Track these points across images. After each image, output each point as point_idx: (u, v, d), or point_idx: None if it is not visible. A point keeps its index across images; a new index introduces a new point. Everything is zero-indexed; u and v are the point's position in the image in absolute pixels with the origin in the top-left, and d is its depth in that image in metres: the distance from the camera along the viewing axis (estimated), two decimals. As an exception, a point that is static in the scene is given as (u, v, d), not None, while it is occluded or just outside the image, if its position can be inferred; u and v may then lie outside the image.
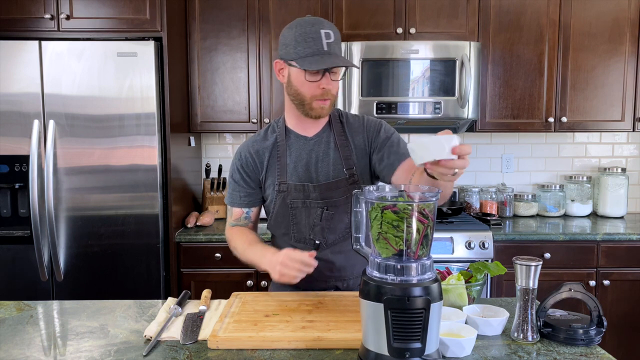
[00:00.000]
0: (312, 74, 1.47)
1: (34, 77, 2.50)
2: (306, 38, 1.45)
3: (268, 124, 1.72)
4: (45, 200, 2.49)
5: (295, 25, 1.49)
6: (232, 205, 1.70)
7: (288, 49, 1.49)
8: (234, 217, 1.71)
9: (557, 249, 2.70)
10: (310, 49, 1.45)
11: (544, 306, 1.28)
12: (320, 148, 1.62)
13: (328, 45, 1.46)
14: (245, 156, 1.64)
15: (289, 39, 1.49)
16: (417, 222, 1.04)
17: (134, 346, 1.24)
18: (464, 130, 3.17)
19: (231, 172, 1.68)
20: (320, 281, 1.62)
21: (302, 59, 1.46)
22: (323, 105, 1.52)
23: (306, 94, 1.51)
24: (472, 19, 2.91)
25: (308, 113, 1.55)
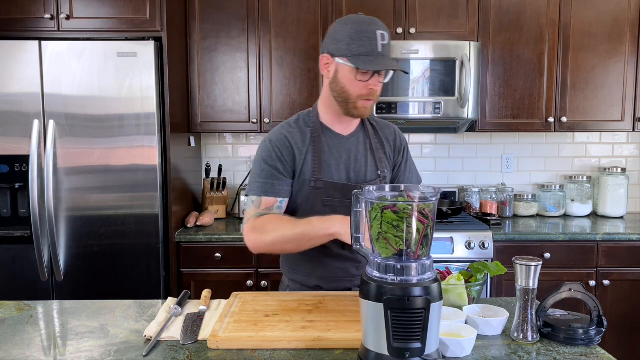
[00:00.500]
0: (362, 74, 1.45)
1: (34, 77, 2.50)
2: (361, 37, 1.43)
3: (296, 117, 1.63)
4: (45, 200, 2.49)
5: (350, 22, 1.46)
6: (265, 194, 1.54)
7: (340, 45, 1.46)
8: (262, 207, 1.54)
9: (557, 249, 2.70)
10: (364, 48, 1.43)
11: (544, 306, 1.28)
12: (356, 148, 1.61)
13: (382, 46, 1.44)
14: (285, 145, 1.55)
15: (343, 34, 1.45)
16: (417, 222, 1.04)
17: (134, 346, 1.24)
18: (464, 130, 3.17)
19: (265, 159, 1.55)
20: (346, 280, 1.61)
21: (356, 58, 1.43)
22: (367, 105, 1.51)
23: (353, 93, 1.49)
24: (472, 19, 2.91)
25: (351, 112, 1.52)
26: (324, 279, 1.61)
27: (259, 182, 1.55)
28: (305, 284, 1.64)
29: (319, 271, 1.61)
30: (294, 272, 1.66)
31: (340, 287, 1.60)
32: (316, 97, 2.94)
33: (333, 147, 1.58)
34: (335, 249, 1.57)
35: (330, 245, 1.55)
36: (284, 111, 2.95)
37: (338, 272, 1.59)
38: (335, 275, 1.59)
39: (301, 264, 1.64)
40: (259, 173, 1.56)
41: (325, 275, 1.61)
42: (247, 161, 3.34)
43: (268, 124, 2.95)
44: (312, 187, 1.55)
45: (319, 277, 1.61)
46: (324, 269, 1.60)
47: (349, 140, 1.61)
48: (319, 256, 1.59)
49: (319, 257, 1.59)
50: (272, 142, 1.56)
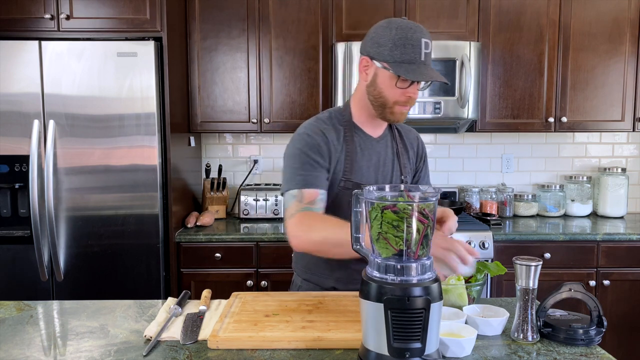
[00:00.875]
0: (402, 81, 1.43)
1: (34, 77, 2.50)
2: (405, 43, 1.40)
3: (327, 113, 1.60)
4: (45, 200, 2.49)
5: (395, 27, 1.42)
6: (307, 186, 1.46)
7: (382, 49, 1.42)
8: (306, 200, 1.46)
9: (557, 249, 2.70)
10: (407, 56, 1.40)
11: (544, 306, 1.28)
12: (385, 151, 1.61)
13: (425, 55, 1.42)
14: (323, 139, 1.51)
15: (386, 39, 1.42)
16: (417, 222, 1.04)
17: (134, 346, 1.24)
18: (464, 130, 3.17)
19: (304, 151, 1.49)
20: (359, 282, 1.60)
21: (398, 65, 1.41)
22: (404, 111, 1.50)
23: (390, 99, 1.47)
24: (472, 19, 2.91)
25: (387, 116, 1.51)
26: (341, 281, 1.59)
27: (301, 175, 1.48)
28: (320, 285, 1.62)
29: (337, 273, 1.59)
30: (311, 272, 1.64)
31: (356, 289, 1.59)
32: (316, 97, 2.94)
33: (364, 149, 1.57)
34: None
35: None
36: (284, 111, 2.95)
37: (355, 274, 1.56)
38: (352, 277, 1.57)
39: (319, 264, 1.62)
40: (299, 166, 1.49)
41: (343, 277, 1.59)
42: (247, 161, 3.34)
43: (268, 124, 2.95)
44: (342, 187, 1.54)
45: (336, 279, 1.60)
46: (343, 271, 1.58)
47: (378, 142, 1.60)
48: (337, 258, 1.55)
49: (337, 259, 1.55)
50: (311, 135, 1.51)
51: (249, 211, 3.01)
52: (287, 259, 2.69)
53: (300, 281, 1.69)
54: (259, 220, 3.01)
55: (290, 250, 2.83)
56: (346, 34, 2.88)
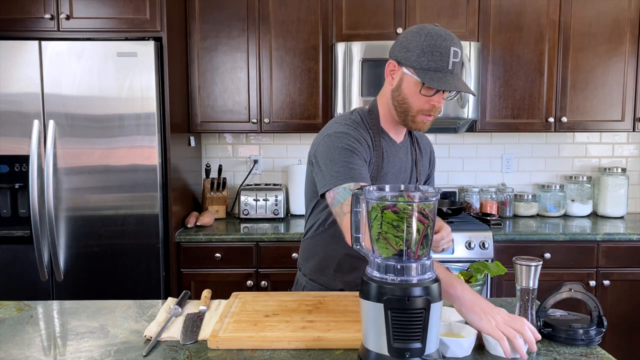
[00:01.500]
0: (427, 89, 1.40)
1: (34, 77, 2.50)
2: (434, 51, 1.37)
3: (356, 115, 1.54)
4: (45, 200, 2.49)
5: (425, 33, 1.38)
6: (361, 179, 1.38)
7: (410, 54, 1.40)
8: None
9: (557, 249, 2.70)
10: (434, 64, 1.37)
11: (544, 306, 1.28)
12: (405, 157, 1.59)
13: (453, 64, 1.38)
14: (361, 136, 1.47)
15: (414, 44, 1.39)
16: (417, 222, 1.04)
17: (134, 346, 1.24)
18: (464, 130, 3.17)
19: (353, 144, 1.43)
20: None
21: (424, 72, 1.38)
22: (426, 120, 1.47)
23: (414, 106, 1.44)
24: (472, 19, 2.91)
25: (409, 124, 1.48)
26: (349, 284, 1.58)
27: (352, 168, 1.39)
28: (328, 287, 1.61)
29: (347, 276, 1.59)
30: (319, 273, 1.63)
31: None
32: (316, 97, 2.94)
33: (390, 155, 1.55)
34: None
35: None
36: (284, 111, 2.95)
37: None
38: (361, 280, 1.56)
39: (329, 266, 1.60)
40: (349, 159, 1.40)
41: (351, 281, 1.58)
42: (247, 161, 3.34)
43: (268, 124, 2.95)
44: None
45: (344, 282, 1.59)
46: (352, 274, 1.58)
47: (401, 149, 1.58)
48: (351, 260, 1.56)
49: (349, 261, 1.56)
50: (349, 133, 1.45)
51: (249, 211, 3.01)
52: (287, 259, 2.70)
53: (305, 281, 1.66)
54: (259, 220, 3.01)
55: (290, 250, 2.85)
56: (346, 34, 2.88)
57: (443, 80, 1.36)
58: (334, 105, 2.86)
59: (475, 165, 3.37)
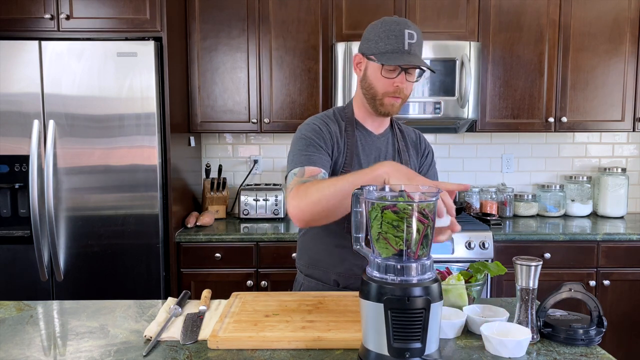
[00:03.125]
0: (388, 71, 1.49)
1: (34, 77, 2.50)
2: (389, 35, 1.46)
3: (332, 111, 1.65)
4: (45, 200, 2.49)
5: (380, 23, 1.50)
6: (311, 164, 1.48)
7: (370, 44, 1.51)
8: (307, 174, 1.47)
9: (557, 249, 2.70)
10: (391, 46, 1.46)
11: (544, 306, 1.28)
12: (386, 147, 1.64)
13: (409, 45, 1.46)
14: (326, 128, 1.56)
15: (373, 34, 1.50)
16: (417, 222, 1.04)
17: (134, 346, 1.24)
18: (464, 130, 3.17)
19: (308, 136, 1.53)
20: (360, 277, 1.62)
21: (382, 55, 1.47)
22: (394, 102, 1.53)
23: (379, 89, 1.52)
24: (472, 19, 2.91)
25: (378, 109, 1.55)
26: (342, 276, 1.61)
27: (303, 155, 1.50)
28: (322, 280, 1.64)
29: (338, 267, 1.61)
30: (311, 268, 1.66)
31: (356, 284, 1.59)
32: (316, 97, 2.94)
33: (365, 144, 1.62)
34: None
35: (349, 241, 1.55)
36: (284, 111, 2.95)
37: (355, 269, 1.60)
38: (353, 272, 1.60)
39: (320, 259, 1.64)
40: (303, 148, 1.51)
41: (343, 272, 1.61)
42: (247, 161, 3.34)
43: (268, 124, 2.95)
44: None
45: (337, 274, 1.62)
46: (342, 265, 1.61)
47: (379, 139, 1.64)
48: (340, 251, 1.60)
49: (338, 252, 1.60)
50: (315, 123, 1.57)
51: (249, 211, 3.01)
52: (287, 259, 2.70)
53: (302, 278, 1.70)
54: (259, 220, 3.01)
55: (290, 250, 2.85)
56: (346, 34, 2.88)
57: (399, 58, 1.45)
58: (334, 105, 2.86)
59: (475, 165, 3.37)
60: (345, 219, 1.48)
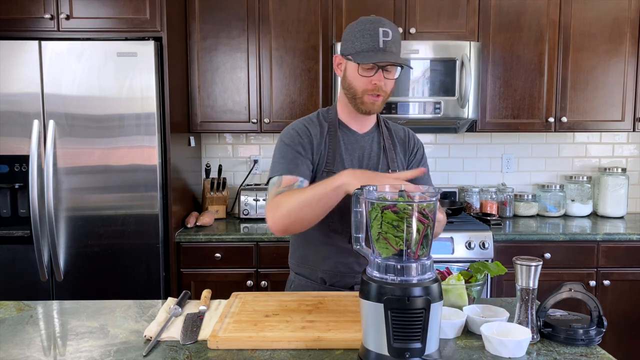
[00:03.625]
0: (365, 69, 1.50)
1: (34, 77, 2.50)
2: (364, 34, 1.49)
3: (316, 113, 1.69)
4: (45, 200, 2.49)
5: (356, 23, 1.53)
6: (289, 172, 1.54)
7: (347, 44, 1.54)
8: (284, 184, 1.54)
9: (557, 249, 2.70)
10: (366, 45, 1.48)
11: (544, 306, 1.28)
12: (370, 146, 1.65)
13: (384, 42, 1.48)
14: (306, 133, 1.60)
15: (349, 35, 1.53)
16: (417, 222, 1.04)
17: (134, 346, 1.24)
18: (464, 130, 3.17)
19: (287, 143, 1.58)
20: (348, 276, 1.62)
21: (357, 54, 1.49)
22: (374, 101, 1.55)
23: (358, 88, 1.54)
24: (472, 19, 2.91)
25: (359, 107, 1.57)
26: (328, 273, 1.62)
27: (281, 164, 1.57)
28: (309, 278, 1.66)
29: (324, 265, 1.63)
30: (301, 266, 1.68)
31: (342, 282, 1.61)
32: (316, 97, 2.94)
33: (348, 143, 1.63)
34: (341, 242, 1.60)
35: (336, 239, 1.60)
36: (284, 111, 2.95)
37: (341, 267, 1.61)
38: (338, 270, 1.61)
39: (308, 257, 1.66)
40: (281, 155, 1.58)
41: (329, 270, 1.62)
42: (247, 161, 3.34)
43: (268, 124, 2.95)
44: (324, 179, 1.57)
45: (323, 271, 1.63)
46: (329, 263, 1.62)
47: (363, 137, 1.65)
48: (325, 249, 1.61)
49: (325, 250, 1.61)
50: (294, 129, 1.62)
51: (249, 211, 3.01)
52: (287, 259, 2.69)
53: (293, 276, 1.73)
54: (259, 220, 3.01)
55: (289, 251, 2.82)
56: (346, 34, 2.88)
57: (374, 57, 1.47)
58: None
59: (475, 165, 3.37)
60: (329, 219, 1.55)
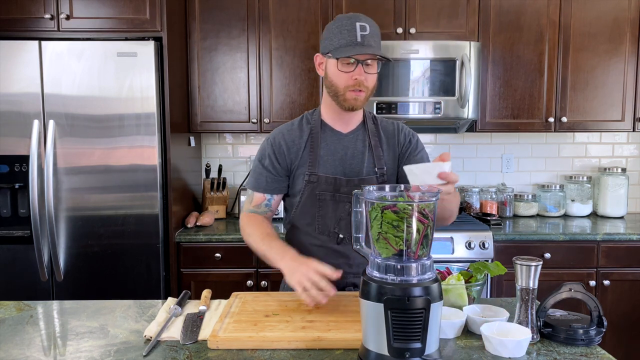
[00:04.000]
0: (345, 65, 1.50)
1: (34, 77, 2.50)
2: (341, 30, 1.50)
3: (301, 116, 1.71)
4: (45, 200, 2.49)
5: (334, 21, 1.54)
6: (255, 189, 1.68)
7: (326, 42, 1.54)
8: (254, 202, 1.68)
9: (557, 249, 2.70)
10: (344, 40, 1.49)
11: (544, 306, 1.28)
12: (354, 145, 1.64)
13: (362, 37, 1.49)
14: (278, 143, 1.64)
15: (328, 33, 1.54)
16: (417, 222, 1.04)
17: (134, 346, 1.24)
18: (464, 130, 3.17)
19: (260, 157, 1.67)
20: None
21: (336, 49, 1.50)
22: (356, 97, 1.54)
23: (339, 85, 1.54)
24: (472, 19, 2.91)
25: (342, 104, 1.57)
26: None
27: (252, 177, 1.69)
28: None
29: None
30: None
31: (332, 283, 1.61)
32: (316, 97, 2.94)
33: (330, 144, 1.63)
34: (329, 243, 1.62)
35: (324, 241, 1.62)
36: (284, 111, 2.95)
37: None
38: None
39: None
40: (253, 168, 1.70)
41: None
42: (247, 161, 3.34)
43: (268, 124, 2.95)
44: (307, 181, 1.61)
45: None
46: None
47: (347, 137, 1.65)
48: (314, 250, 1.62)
49: (314, 251, 1.62)
50: (269, 141, 1.67)
51: (249, 211, 3.00)
52: (287, 259, 2.69)
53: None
54: (259, 220, 3.01)
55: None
56: (346, 34, 2.88)
57: (351, 50, 1.47)
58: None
59: (475, 165, 3.37)
60: (316, 221, 1.61)
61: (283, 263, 1.45)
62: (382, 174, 1.62)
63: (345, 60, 1.49)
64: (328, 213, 1.61)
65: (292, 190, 1.67)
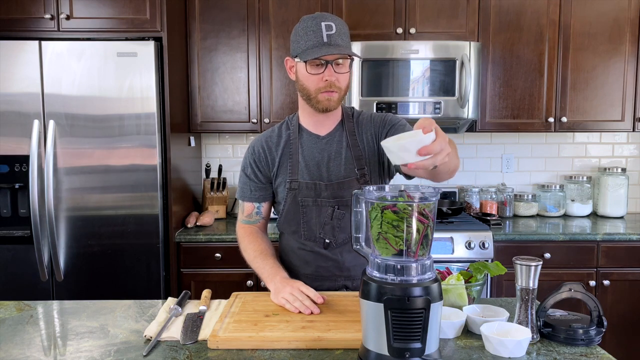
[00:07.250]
0: (314, 67, 1.48)
1: (34, 77, 2.50)
2: (307, 32, 1.48)
3: (283, 120, 1.70)
4: (45, 200, 2.49)
5: (300, 22, 1.53)
6: (243, 199, 1.70)
7: (294, 45, 1.53)
8: (245, 212, 1.71)
9: (557, 249, 2.70)
10: (311, 42, 1.47)
11: (544, 306, 1.28)
12: (332, 147, 1.62)
13: (328, 36, 1.46)
14: (258, 151, 1.65)
15: (295, 36, 1.53)
16: (417, 222, 1.04)
17: (134, 346, 1.24)
18: (464, 130, 3.17)
19: (243, 166, 1.69)
20: (329, 280, 1.64)
21: (303, 52, 1.48)
22: (329, 97, 1.52)
23: (311, 87, 1.52)
24: (472, 19, 2.91)
25: (316, 106, 1.54)
26: (309, 277, 1.63)
27: (239, 187, 1.71)
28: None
29: (305, 269, 1.65)
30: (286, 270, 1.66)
31: (323, 286, 1.63)
32: (316, 97, 2.94)
33: (307, 148, 1.62)
34: (317, 247, 1.62)
35: (311, 246, 1.62)
36: (283, 111, 2.95)
37: (321, 271, 1.63)
38: (318, 274, 1.64)
39: (290, 261, 1.69)
40: (239, 178, 1.72)
41: (310, 274, 1.64)
42: (247, 161, 3.34)
43: (268, 124, 2.95)
44: (288, 189, 1.61)
45: (305, 275, 1.64)
46: (309, 267, 1.65)
47: (324, 140, 1.63)
48: (303, 254, 1.64)
49: (304, 255, 1.64)
50: (249, 150, 1.68)
51: (249, 211, 3.00)
52: (287, 259, 2.69)
53: None
54: (259, 220, 3.01)
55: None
56: (346, 34, 2.88)
57: (318, 51, 1.45)
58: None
59: (475, 165, 3.37)
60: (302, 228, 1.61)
61: (272, 285, 1.50)
62: (363, 175, 1.59)
63: (314, 62, 1.47)
64: (312, 219, 1.61)
65: (277, 198, 1.67)
